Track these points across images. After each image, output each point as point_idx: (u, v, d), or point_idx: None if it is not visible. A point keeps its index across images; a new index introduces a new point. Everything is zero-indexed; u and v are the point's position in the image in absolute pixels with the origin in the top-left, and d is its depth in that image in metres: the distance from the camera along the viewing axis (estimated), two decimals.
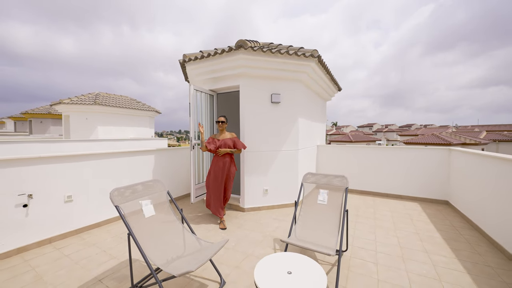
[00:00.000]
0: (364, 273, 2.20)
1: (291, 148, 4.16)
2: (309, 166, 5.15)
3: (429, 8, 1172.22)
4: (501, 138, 25.35)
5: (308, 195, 2.71)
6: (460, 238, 2.91)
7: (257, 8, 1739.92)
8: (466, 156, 3.67)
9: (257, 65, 3.76)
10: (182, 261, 1.92)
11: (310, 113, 5.07)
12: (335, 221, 2.37)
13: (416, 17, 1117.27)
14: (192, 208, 4.19)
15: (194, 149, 3.86)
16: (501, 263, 2.34)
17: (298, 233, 2.46)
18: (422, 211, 3.94)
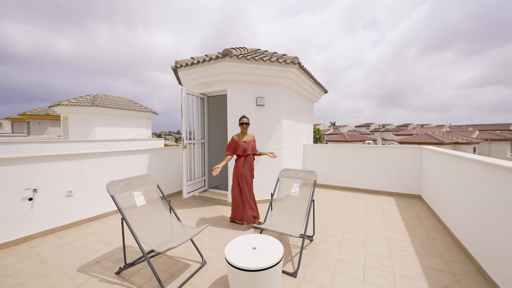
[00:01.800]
0: (327, 255, 2.55)
1: (275, 147, 4.50)
2: (295, 164, 5.49)
3: (425, 7, 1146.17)
4: (493, 137, 25.90)
5: (283, 188, 3.05)
6: (420, 226, 3.27)
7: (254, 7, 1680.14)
8: (433, 154, 4.03)
9: (242, 71, 4.10)
10: (168, 242, 2.25)
11: (295, 115, 5.42)
12: (304, 210, 2.71)
13: (413, 17, 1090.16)
14: (184, 203, 4.51)
15: (186, 149, 4.19)
16: (447, 246, 2.70)
17: (272, 220, 2.80)
18: (395, 204, 4.29)
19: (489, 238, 2.09)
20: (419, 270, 2.22)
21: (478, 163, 2.38)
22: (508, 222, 1.83)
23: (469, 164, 2.59)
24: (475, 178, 2.43)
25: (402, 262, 2.38)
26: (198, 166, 4.74)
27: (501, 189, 1.95)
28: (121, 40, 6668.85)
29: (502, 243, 1.89)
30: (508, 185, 1.86)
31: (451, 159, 3.16)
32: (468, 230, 2.52)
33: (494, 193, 2.05)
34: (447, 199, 3.21)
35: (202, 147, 4.91)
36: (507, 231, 1.83)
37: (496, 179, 2.02)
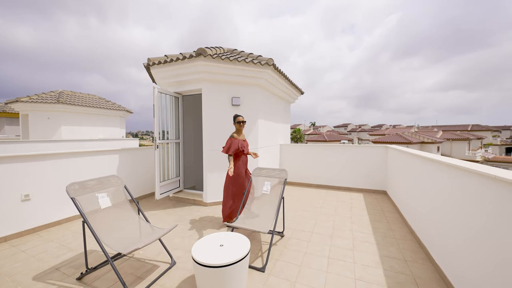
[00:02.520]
0: (296, 249, 2.65)
1: (252, 147, 4.55)
2: (272, 163, 5.61)
3: (397, 15, 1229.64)
4: (455, 137, 28.51)
5: (255, 186, 3.11)
6: (383, 219, 3.53)
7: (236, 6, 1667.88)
8: (395, 153, 4.36)
9: (217, 71, 4.10)
10: (135, 244, 2.19)
11: (272, 115, 5.53)
12: (274, 207, 2.79)
13: (386, 24, 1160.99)
14: (157, 205, 4.39)
15: (158, 149, 4.08)
16: (404, 236, 2.95)
17: (245, 218, 2.84)
18: (363, 200, 4.58)
19: (436, 229, 2.33)
20: (377, 259, 2.41)
21: (428, 161, 2.64)
22: (450, 216, 2.06)
23: (421, 162, 2.86)
24: (426, 175, 2.69)
25: (363, 252, 2.56)
26: (172, 166, 4.64)
27: (446, 185, 2.19)
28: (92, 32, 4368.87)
29: (446, 234, 2.12)
30: (452, 181, 2.09)
31: (408, 157, 3.46)
32: (421, 222, 2.78)
33: (441, 188, 2.29)
34: (405, 194, 3.51)
35: (177, 147, 4.81)
36: (449, 223, 2.06)
37: (443, 175, 2.27)
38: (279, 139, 6.17)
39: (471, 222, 1.69)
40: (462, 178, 1.86)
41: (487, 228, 1.51)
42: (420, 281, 2.06)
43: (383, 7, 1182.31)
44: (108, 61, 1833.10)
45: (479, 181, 1.62)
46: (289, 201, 4.50)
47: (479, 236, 1.58)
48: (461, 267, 1.80)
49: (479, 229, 1.59)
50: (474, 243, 1.64)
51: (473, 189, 1.70)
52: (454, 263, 1.92)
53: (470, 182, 1.74)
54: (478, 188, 1.63)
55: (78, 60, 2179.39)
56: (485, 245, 1.52)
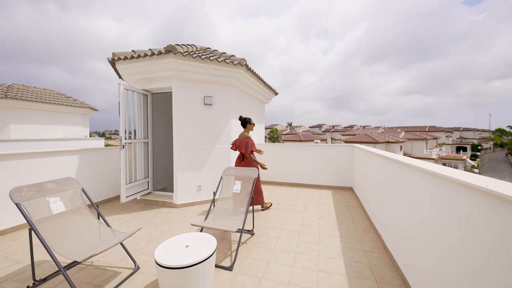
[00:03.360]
0: (265, 246, 2.71)
1: (224, 146, 4.53)
2: None
3: (366, 23, 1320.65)
4: (415, 137, 31.37)
5: (226, 185, 3.11)
6: (348, 214, 3.76)
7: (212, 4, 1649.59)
8: (359, 151, 4.68)
9: (188, 69, 4.00)
10: (93, 250, 2.05)
11: (245, 115, 5.55)
12: (244, 206, 2.82)
13: (357, 31, 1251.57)
14: (123, 208, 4.14)
15: (124, 149, 3.85)
16: (365, 228, 3.19)
17: (214, 218, 2.82)
18: (331, 197, 4.83)
19: (389, 220, 2.56)
20: (339, 251, 2.57)
21: (381, 158, 2.88)
22: (400, 207, 2.28)
23: (377, 159, 3.12)
24: (378, 170, 2.94)
25: (327, 245, 2.71)
26: (140, 167, 4.42)
27: (399, 180, 2.42)
28: (49, 20, 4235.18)
29: (397, 225, 2.34)
30: (400, 175, 2.31)
31: (367, 155, 3.75)
32: (378, 214, 3.03)
33: (394, 183, 2.52)
34: (366, 189, 3.79)
35: (146, 147, 4.59)
36: (398, 215, 2.28)
37: (390, 169, 2.50)
38: (254, 139, 6.22)
39: (417, 214, 1.90)
40: (405, 173, 2.07)
41: (430, 220, 1.71)
42: (375, 268, 2.25)
43: (353, 15, 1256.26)
44: (70, 54, 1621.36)
45: (423, 177, 1.83)
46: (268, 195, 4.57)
47: (423, 226, 1.78)
48: (408, 254, 2.00)
49: (421, 220, 1.79)
50: (419, 231, 1.84)
51: (416, 182, 1.91)
52: (402, 250, 2.13)
53: (413, 177, 1.95)
54: (423, 182, 1.83)
55: (33, 51, 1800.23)
56: (427, 234, 1.71)
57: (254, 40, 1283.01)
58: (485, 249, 1.10)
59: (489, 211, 1.09)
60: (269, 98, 7.21)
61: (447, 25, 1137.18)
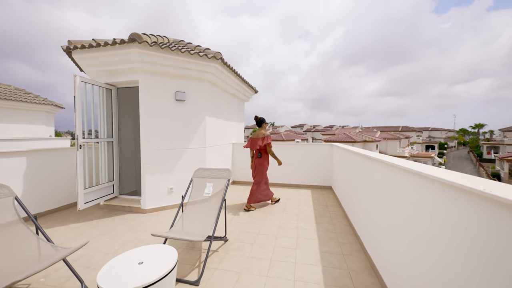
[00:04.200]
0: (239, 254, 2.49)
1: (198, 146, 4.23)
2: (224, 163, 5.37)
3: (344, 27, 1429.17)
4: (389, 137, 33.05)
5: (196, 189, 2.84)
6: (326, 214, 3.67)
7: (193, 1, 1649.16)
8: (337, 150, 4.63)
9: (157, 61, 3.65)
10: (26, 270, 1.68)
11: (223, 112, 5.29)
12: (215, 211, 2.57)
13: (336, 34, 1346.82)
14: (81, 216, 3.68)
15: (81, 149, 3.41)
16: (343, 229, 3.10)
17: (183, 225, 2.54)
18: (310, 196, 4.74)
19: (367, 220, 2.47)
20: (317, 256, 2.43)
21: (359, 156, 2.80)
22: (378, 208, 2.18)
23: (355, 157, 3.04)
24: (356, 168, 2.85)
25: (305, 250, 2.55)
26: (104, 169, 3.97)
27: (377, 179, 2.32)
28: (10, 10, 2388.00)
29: (375, 226, 2.24)
30: (379, 176, 2.21)
31: (345, 153, 3.68)
32: (356, 214, 2.95)
33: (371, 181, 2.43)
34: (344, 188, 3.73)
35: (110, 147, 4.14)
36: (377, 215, 2.18)
37: (368, 167, 2.41)
38: (232, 138, 5.97)
39: (398, 214, 1.79)
40: (385, 172, 1.97)
41: (413, 222, 1.60)
42: (354, 274, 2.12)
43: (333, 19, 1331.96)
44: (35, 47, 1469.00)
45: (397, 173, 1.72)
46: (239, 202, 4.34)
47: (405, 228, 1.67)
48: (388, 258, 1.90)
49: (403, 221, 1.68)
50: (400, 234, 1.73)
51: (398, 182, 1.80)
52: (382, 253, 2.03)
53: (395, 177, 1.84)
54: (395, 178, 1.73)
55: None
56: (410, 237, 1.60)
57: (236, 40, 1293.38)
58: (477, 253, 0.98)
59: (486, 217, 0.97)
60: (248, 96, 7.00)
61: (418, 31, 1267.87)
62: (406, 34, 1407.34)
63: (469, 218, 1.01)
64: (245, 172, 5.87)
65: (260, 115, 4.05)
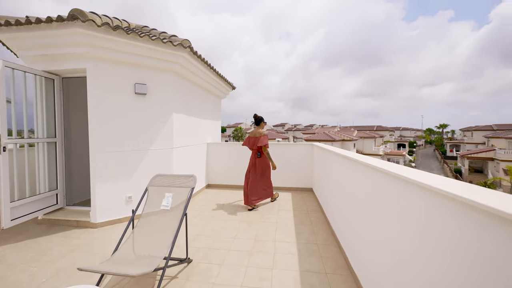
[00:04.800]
0: (203, 280, 2.04)
1: (164, 147, 3.68)
2: (197, 165, 4.85)
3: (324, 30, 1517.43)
4: (365, 136, 34.43)
5: (152, 200, 2.33)
6: (307, 221, 3.35)
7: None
8: (318, 150, 4.36)
9: (109, 46, 3.04)
10: None
11: (195, 109, 4.76)
12: (174, 227, 2.09)
13: (315, 36, 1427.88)
14: (6, 237, 2.93)
15: (5, 152, 2.70)
16: (326, 239, 2.78)
17: (131, 247, 2.03)
18: (290, 200, 4.41)
19: (350, 230, 2.16)
20: (297, 277, 2.06)
21: (341, 157, 2.50)
22: (364, 218, 1.87)
23: (337, 159, 2.74)
24: (339, 171, 2.55)
25: (283, 269, 2.18)
26: (43, 176, 3.26)
27: (363, 185, 2.01)
28: None
29: (361, 239, 1.93)
30: (365, 183, 1.90)
31: (326, 154, 3.40)
32: (339, 222, 2.65)
33: (357, 187, 2.12)
34: (326, 192, 3.44)
35: (52, 148, 3.43)
36: (363, 226, 1.87)
37: (354, 171, 2.10)
38: (206, 138, 5.45)
39: (385, 226, 1.47)
40: (372, 178, 1.66)
41: (404, 236, 1.28)
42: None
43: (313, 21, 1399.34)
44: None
45: (387, 179, 1.40)
46: (212, 210, 3.87)
47: (394, 242, 1.35)
48: (377, 278, 1.58)
49: (391, 234, 1.36)
50: (388, 247, 1.41)
51: (387, 190, 1.48)
52: (370, 271, 1.71)
53: (387, 185, 1.53)
54: (396, 192, 1.41)
55: None
56: (400, 252, 1.28)
57: (218, 37, 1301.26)
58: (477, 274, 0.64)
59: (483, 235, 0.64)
60: (225, 93, 6.52)
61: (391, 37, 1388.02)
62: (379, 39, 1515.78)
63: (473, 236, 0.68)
64: (221, 174, 5.40)
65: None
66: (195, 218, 3.50)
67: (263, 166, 3.93)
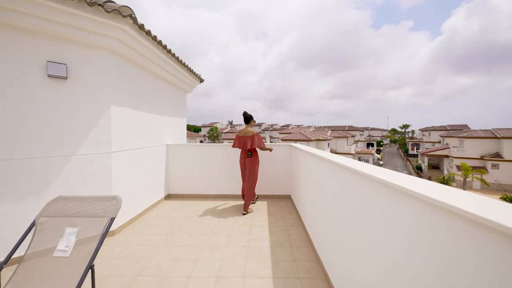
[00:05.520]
0: None
1: (96, 151, 2.74)
2: (149, 174, 3.92)
3: (298, 32, 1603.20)
4: (338, 135, 35.60)
5: (43, 241, 1.45)
6: (285, 242, 2.70)
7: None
8: (297, 152, 3.76)
9: (4, 4, 2.05)
10: None
11: (149, 102, 3.83)
12: (73, 283, 1.25)
13: (291, 38, 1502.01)
14: None
15: None
16: (310, 268, 2.15)
17: None
18: (266, 211, 3.75)
19: (339, 258, 1.55)
20: None
21: (327, 163, 1.89)
22: (358, 244, 1.25)
23: (316, 161, 2.13)
24: (319, 173, 1.94)
25: None
26: None
27: (356, 199, 1.39)
28: None
29: (356, 269, 1.31)
30: (350, 190, 1.28)
31: (307, 157, 2.80)
32: (323, 244, 2.04)
33: (349, 202, 1.50)
34: (306, 201, 2.84)
35: None
36: (357, 253, 1.25)
37: (347, 182, 1.48)
38: (166, 138, 4.53)
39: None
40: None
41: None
42: None
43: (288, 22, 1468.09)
44: None
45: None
46: (166, 231, 3.03)
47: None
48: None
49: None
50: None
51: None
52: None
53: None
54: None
55: None
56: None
57: (193, 32, 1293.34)
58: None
59: None
60: (192, 86, 5.63)
61: (360, 42, 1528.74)
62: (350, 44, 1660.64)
63: None
64: (187, 182, 4.53)
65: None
66: (141, 246, 2.63)
67: (254, 165, 3.75)
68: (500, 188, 24.40)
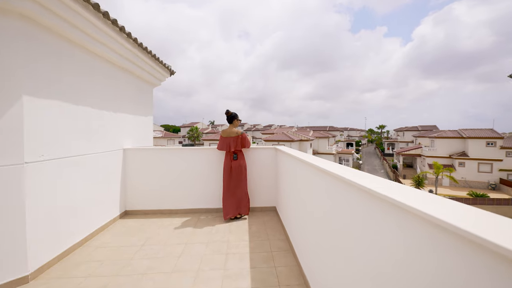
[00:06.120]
0: None
1: (5, 159, 1.87)
2: (98, 189, 3.05)
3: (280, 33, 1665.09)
4: (320, 135, 36.09)
5: None
6: (271, 277, 2.05)
7: None
8: (283, 156, 3.14)
9: None
10: None
11: (95, 95, 2.96)
12: None
13: (273, 38, 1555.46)
14: None
15: None
16: None
17: None
18: (247, 231, 3.06)
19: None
20: None
21: (322, 173, 1.27)
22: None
23: (316, 174, 1.51)
24: (312, 185, 1.32)
25: None
26: None
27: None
28: None
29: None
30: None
31: (296, 164, 2.18)
32: (316, 273, 1.42)
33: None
34: (297, 218, 2.22)
35: None
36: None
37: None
38: (123, 141, 3.65)
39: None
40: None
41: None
42: None
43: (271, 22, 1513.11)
44: None
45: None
46: (112, 267, 2.22)
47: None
48: None
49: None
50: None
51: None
52: None
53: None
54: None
55: None
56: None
57: (172, 28, 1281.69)
58: None
59: None
60: (159, 78, 4.77)
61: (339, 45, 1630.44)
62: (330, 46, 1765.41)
63: None
64: (148, 194, 3.69)
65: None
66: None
67: (241, 169, 3.43)
68: (466, 185, 26.22)
